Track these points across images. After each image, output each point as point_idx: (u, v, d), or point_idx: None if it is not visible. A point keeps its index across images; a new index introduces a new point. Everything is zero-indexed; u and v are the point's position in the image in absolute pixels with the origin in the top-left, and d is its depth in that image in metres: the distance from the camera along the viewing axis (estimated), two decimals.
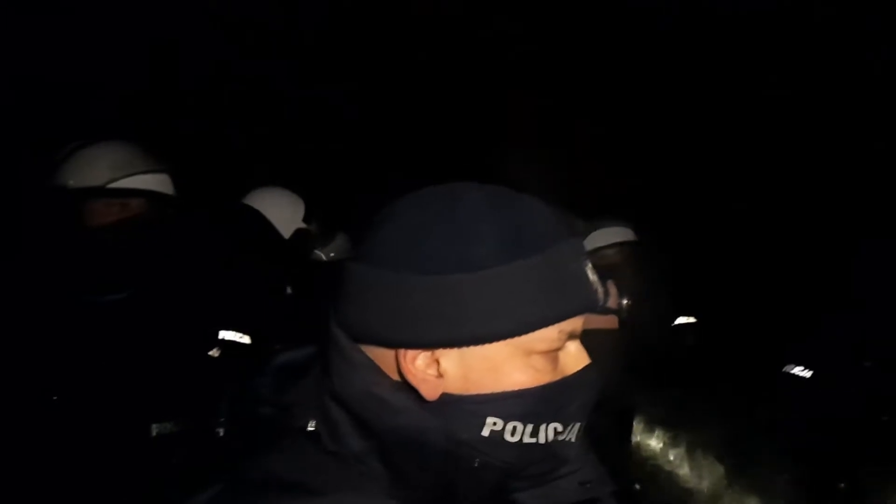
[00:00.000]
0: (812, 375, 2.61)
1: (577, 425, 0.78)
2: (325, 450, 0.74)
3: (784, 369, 2.72)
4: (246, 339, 2.50)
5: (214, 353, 2.55)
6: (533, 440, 0.74)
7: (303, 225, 2.96)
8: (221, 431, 0.82)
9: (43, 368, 1.94)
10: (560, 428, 0.76)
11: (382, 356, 0.75)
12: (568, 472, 0.80)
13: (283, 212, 2.89)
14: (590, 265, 0.77)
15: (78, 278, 1.99)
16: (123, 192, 2.05)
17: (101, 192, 2.02)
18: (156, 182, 2.13)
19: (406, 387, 0.74)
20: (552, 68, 5.48)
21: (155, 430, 2.01)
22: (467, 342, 0.72)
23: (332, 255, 3.55)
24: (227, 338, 2.42)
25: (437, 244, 0.72)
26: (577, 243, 0.76)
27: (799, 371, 2.66)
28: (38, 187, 2.09)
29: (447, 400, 0.73)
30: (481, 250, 0.71)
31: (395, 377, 0.75)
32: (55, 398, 1.92)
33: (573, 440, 0.78)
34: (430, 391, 0.73)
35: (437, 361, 0.73)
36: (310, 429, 0.75)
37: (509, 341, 0.72)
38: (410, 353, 0.73)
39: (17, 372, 1.93)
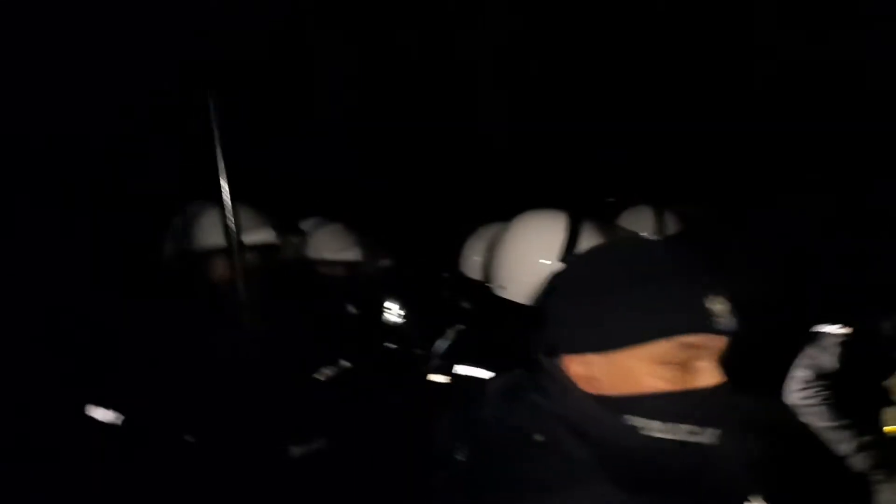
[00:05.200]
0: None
1: (713, 431, 0.93)
2: (559, 457, 0.95)
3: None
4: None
5: (322, 376, 2.82)
6: (670, 436, 0.92)
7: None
8: (460, 455, 1.03)
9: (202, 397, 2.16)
10: (696, 430, 0.92)
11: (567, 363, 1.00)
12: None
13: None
14: (717, 297, 0.95)
15: (231, 317, 2.20)
16: None
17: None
18: None
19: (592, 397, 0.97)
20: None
21: (296, 451, 2.24)
22: (603, 348, 0.95)
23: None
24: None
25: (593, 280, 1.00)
26: (701, 278, 0.96)
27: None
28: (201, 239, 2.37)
29: (608, 398, 0.95)
30: (614, 280, 0.96)
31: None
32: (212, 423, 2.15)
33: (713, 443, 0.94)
34: (590, 389, 0.96)
35: (590, 365, 0.97)
36: (540, 439, 0.97)
37: (637, 352, 0.93)
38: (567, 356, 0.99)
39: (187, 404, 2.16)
